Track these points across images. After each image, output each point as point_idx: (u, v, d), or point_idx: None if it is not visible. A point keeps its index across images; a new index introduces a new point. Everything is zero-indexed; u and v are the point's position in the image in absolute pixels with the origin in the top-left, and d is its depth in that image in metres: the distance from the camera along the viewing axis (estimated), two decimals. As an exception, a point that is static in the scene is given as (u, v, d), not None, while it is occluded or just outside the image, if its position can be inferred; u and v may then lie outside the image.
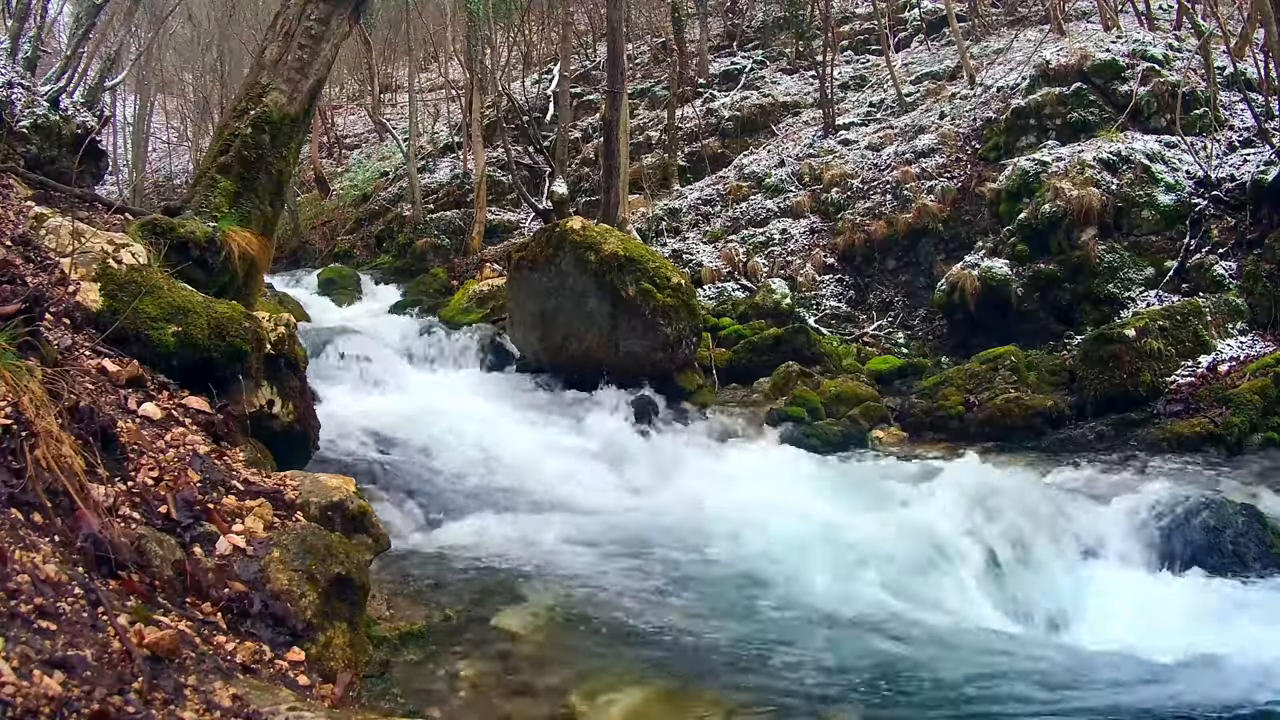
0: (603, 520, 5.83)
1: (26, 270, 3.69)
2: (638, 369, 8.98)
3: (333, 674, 2.90)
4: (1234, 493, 5.91)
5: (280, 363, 4.88)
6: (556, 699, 3.45)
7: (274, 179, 6.52)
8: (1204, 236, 9.46)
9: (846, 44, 19.31)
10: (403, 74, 27.06)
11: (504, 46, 22.51)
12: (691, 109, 18.43)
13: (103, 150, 14.39)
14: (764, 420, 8.65)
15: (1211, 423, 7.31)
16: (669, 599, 4.57)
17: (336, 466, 5.64)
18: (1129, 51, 11.88)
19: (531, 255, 9.76)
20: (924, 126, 14.01)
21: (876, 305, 12.02)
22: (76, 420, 2.82)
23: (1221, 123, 10.72)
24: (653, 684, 3.60)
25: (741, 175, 15.22)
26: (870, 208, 12.85)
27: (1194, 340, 8.33)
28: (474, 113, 18.81)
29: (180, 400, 3.87)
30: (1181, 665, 4.05)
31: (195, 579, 2.73)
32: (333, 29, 6.75)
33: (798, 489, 6.50)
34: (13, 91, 9.40)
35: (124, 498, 2.82)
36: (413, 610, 4.18)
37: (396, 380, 8.90)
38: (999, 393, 8.46)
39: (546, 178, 16.95)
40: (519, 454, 7.05)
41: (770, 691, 3.60)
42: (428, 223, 18.65)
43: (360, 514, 3.76)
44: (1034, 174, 10.67)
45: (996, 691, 3.69)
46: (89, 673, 1.89)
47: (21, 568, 2.08)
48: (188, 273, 5.02)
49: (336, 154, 26.81)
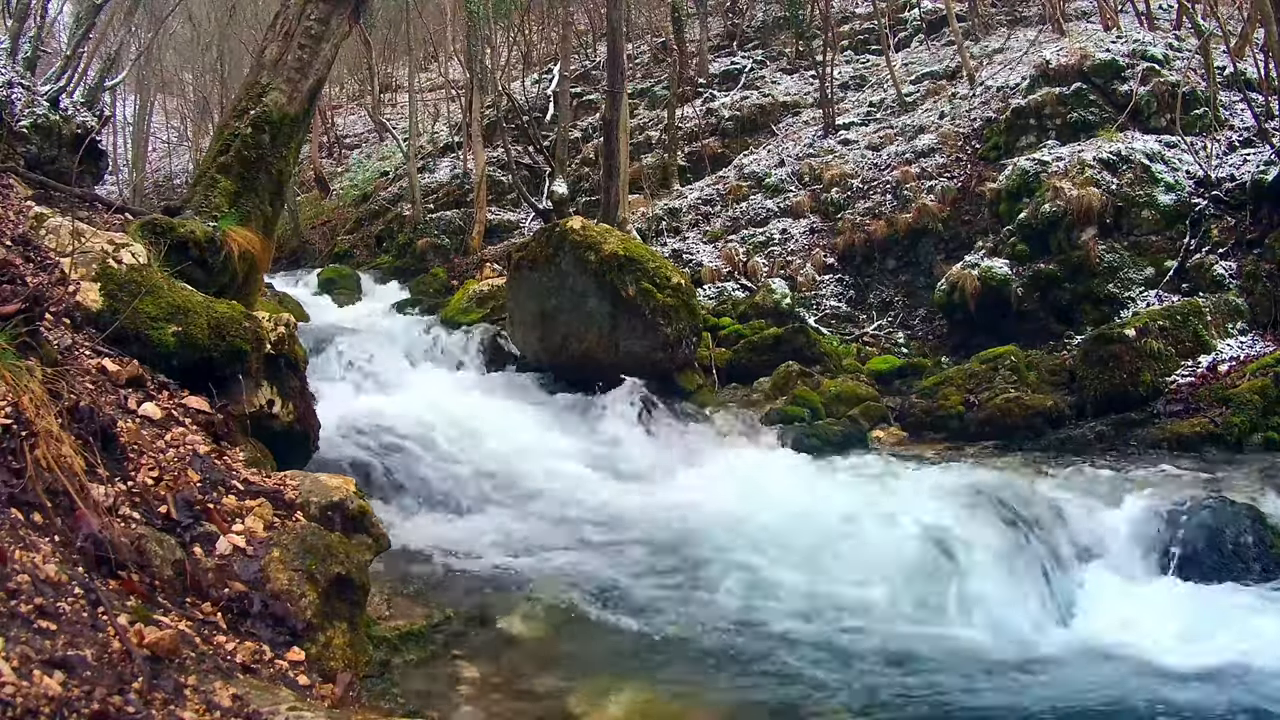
0: (602, 520, 5.83)
1: (26, 270, 3.69)
2: (638, 369, 8.98)
3: (333, 674, 2.90)
4: (1234, 493, 5.90)
5: (280, 362, 4.88)
6: (556, 699, 3.45)
7: (274, 179, 6.52)
8: (1204, 236, 9.46)
9: (846, 44, 19.30)
10: (403, 74, 27.06)
11: (504, 46, 22.51)
12: (691, 109, 18.43)
13: (103, 150, 14.39)
14: (764, 420, 8.64)
15: (1211, 423, 7.31)
16: (668, 599, 4.57)
17: (336, 466, 5.64)
18: (1129, 51, 11.87)
19: (531, 255, 9.75)
20: (924, 126, 14.01)
21: (876, 305, 12.02)
22: (76, 420, 2.82)
23: (1221, 123, 10.71)
24: (652, 684, 3.60)
25: (741, 175, 15.21)
26: (870, 208, 12.85)
27: (1194, 340, 8.33)
28: (474, 113, 18.80)
29: (180, 400, 3.86)
30: (1181, 666, 4.05)
31: (195, 579, 2.73)
32: (333, 29, 6.75)
33: (797, 489, 6.50)
34: (13, 91, 9.40)
35: (124, 498, 2.82)
36: (413, 610, 4.18)
37: (396, 380, 8.90)
38: (999, 393, 8.46)
39: (546, 178, 16.95)
40: (519, 454, 7.05)
41: (770, 691, 3.60)
42: (428, 223, 18.65)
43: (360, 514, 3.76)
44: (1034, 174, 10.67)
45: (995, 692, 3.69)
46: (89, 673, 1.89)
47: (21, 568, 2.07)
48: (188, 273, 5.02)
49: (336, 154, 26.81)
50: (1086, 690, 3.72)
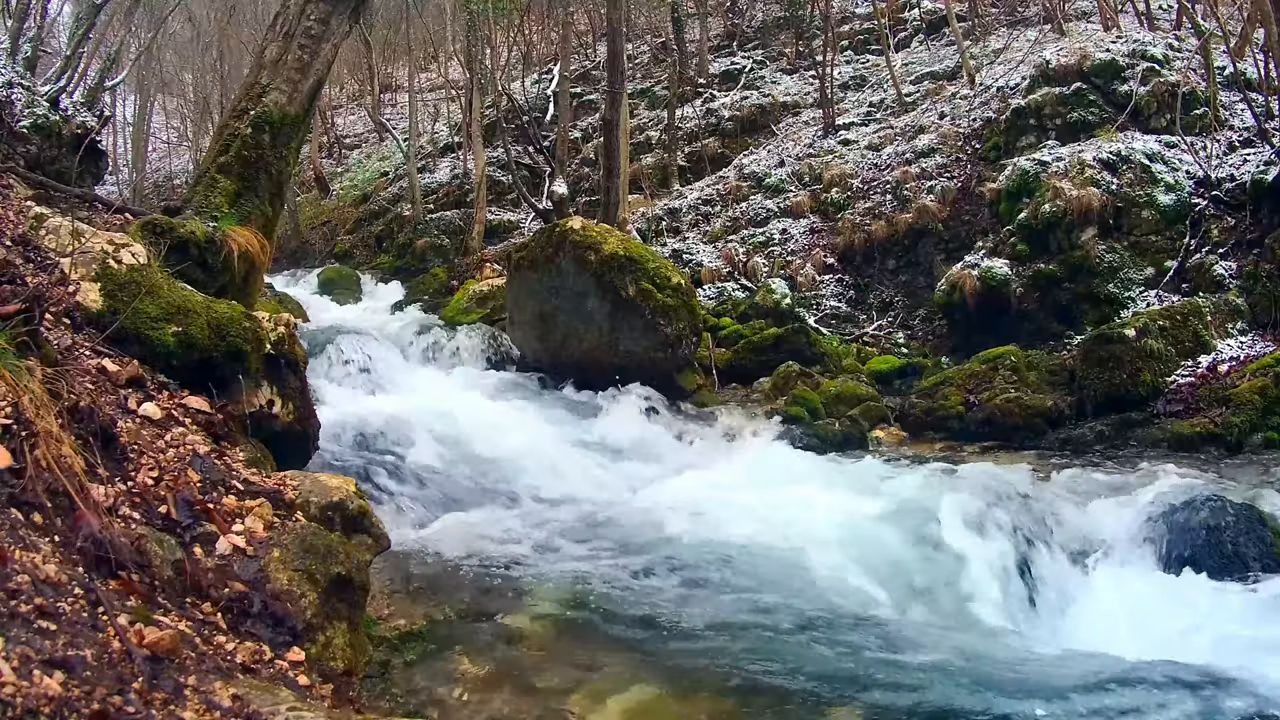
0: (602, 519, 5.83)
1: (26, 270, 3.68)
2: (638, 369, 8.98)
3: (333, 674, 2.90)
4: (1234, 493, 5.90)
5: (280, 363, 4.87)
6: (557, 699, 3.45)
7: (274, 179, 6.52)
8: (1204, 236, 9.47)
9: (846, 44, 19.31)
10: (403, 74, 27.07)
11: (504, 46, 22.51)
12: (691, 109, 18.43)
13: (103, 150, 14.40)
14: (764, 420, 8.64)
15: (1211, 423, 7.31)
16: (669, 598, 4.57)
17: (337, 466, 5.64)
18: (1129, 51, 11.88)
19: (531, 255, 9.75)
20: (924, 126, 14.01)
21: (876, 305, 12.02)
22: (76, 420, 2.81)
23: (1221, 123, 10.72)
24: (654, 683, 3.59)
25: (741, 175, 15.22)
26: (870, 208, 12.86)
27: (1194, 340, 8.33)
28: (474, 113, 18.81)
29: (180, 400, 3.86)
30: (1181, 666, 4.05)
31: (195, 579, 2.72)
32: (333, 29, 6.75)
33: (797, 489, 6.49)
34: (13, 91, 9.40)
35: (124, 498, 2.82)
36: (413, 610, 4.18)
37: (396, 380, 8.90)
38: (999, 392, 8.47)
39: (546, 178, 16.95)
40: (519, 454, 7.05)
41: (771, 691, 3.60)
42: (428, 223, 18.66)
43: (360, 514, 3.76)
44: (1034, 174, 10.67)
45: (995, 691, 3.69)
46: (89, 673, 1.89)
47: (21, 568, 2.07)
48: (188, 273, 5.01)
49: (336, 154, 26.82)
50: (1085, 690, 3.72)
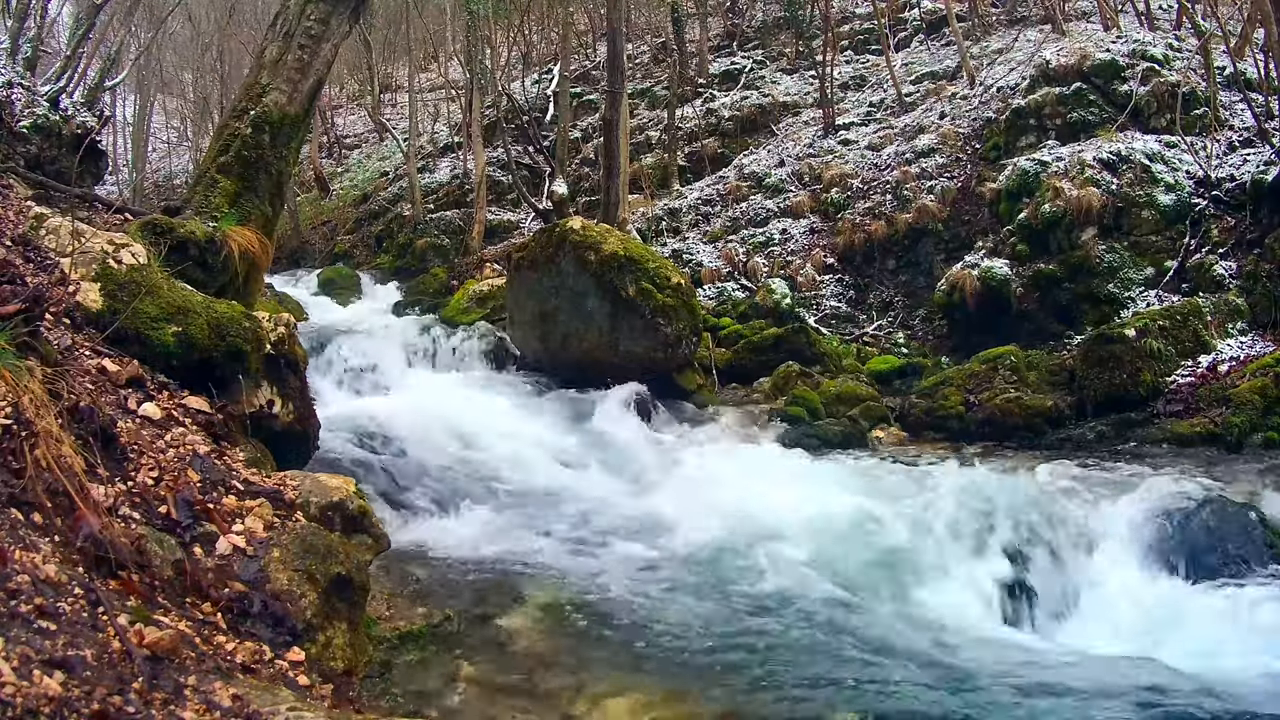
0: (602, 519, 5.83)
1: (26, 270, 3.68)
2: (638, 369, 8.98)
3: (333, 674, 2.90)
4: (1234, 493, 5.90)
5: (280, 363, 4.87)
6: (556, 699, 3.45)
7: (274, 179, 6.52)
8: (1204, 236, 9.47)
9: (846, 44, 19.31)
10: (403, 74, 27.07)
11: (504, 46, 22.51)
12: (691, 109, 18.43)
13: (103, 150, 14.38)
14: (764, 420, 8.64)
15: (1211, 422, 7.31)
16: (669, 598, 4.57)
17: (336, 466, 5.64)
18: (1129, 51, 11.88)
19: (531, 255, 9.75)
20: (924, 126, 14.01)
21: (876, 305, 12.02)
22: (76, 420, 2.81)
23: (1221, 123, 10.72)
24: (653, 684, 3.60)
25: (741, 175, 15.22)
26: (870, 208, 12.85)
27: (1194, 340, 8.33)
28: (474, 113, 18.81)
29: (180, 400, 3.86)
30: (1180, 667, 4.05)
31: (195, 579, 2.72)
32: (333, 29, 6.75)
33: (797, 489, 6.49)
34: (13, 91, 9.40)
35: (124, 498, 2.82)
36: (413, 610, 4.18)
37: (396, 380, 8.90)
38: (999, 393, 8.47)
39: (546, 178, 16.95)
40: (519, 454, 7.05)
41: (770, 691, 3.60)
42: (428, 223, 18.66)
43: (360, 514, 3.76)
44: (1034, 174, 10.67)
45: (995, 692, 3.69)
46: (89, 673, 1.89)
47: (21, 568, 2.07)
48: (188, 273, 5.01)
49: (336, 154, 26.82)
50: (1084, 690, 3.72)
